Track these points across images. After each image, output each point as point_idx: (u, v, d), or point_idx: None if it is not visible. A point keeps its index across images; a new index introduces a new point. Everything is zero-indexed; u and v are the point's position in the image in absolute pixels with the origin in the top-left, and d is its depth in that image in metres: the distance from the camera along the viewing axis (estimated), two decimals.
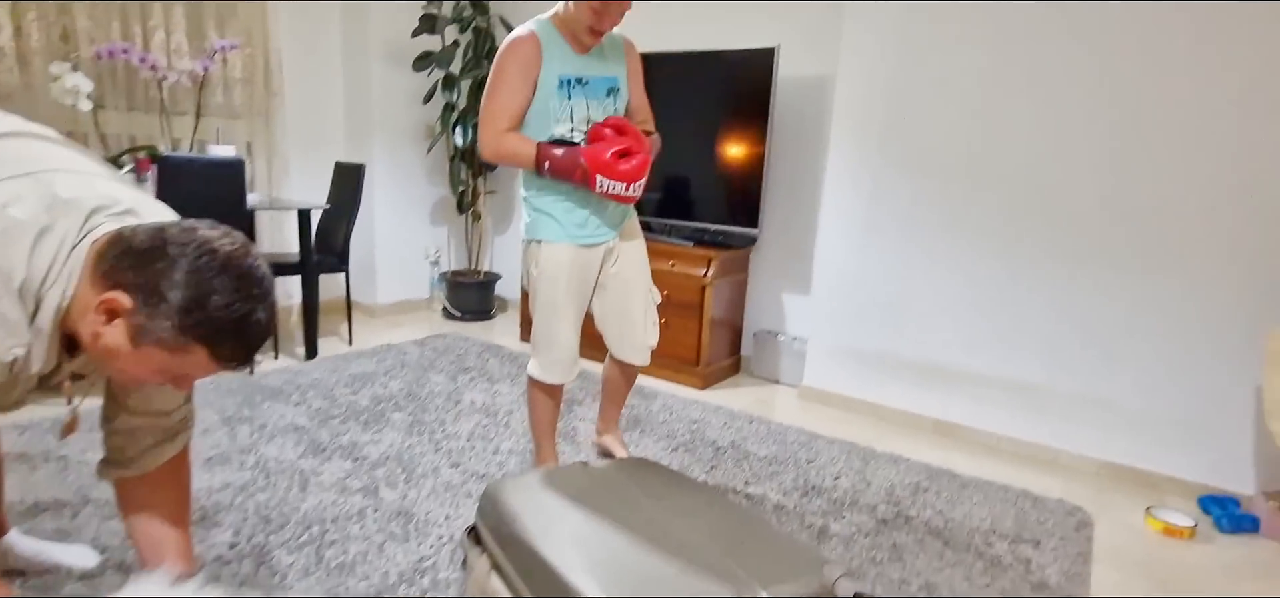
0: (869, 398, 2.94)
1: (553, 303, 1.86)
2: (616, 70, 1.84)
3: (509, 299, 4.47)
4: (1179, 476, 2.34)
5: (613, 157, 1.66)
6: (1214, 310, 2.24)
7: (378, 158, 4.02)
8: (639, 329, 1.99)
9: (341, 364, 3.13)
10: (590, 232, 1.85)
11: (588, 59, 1.79)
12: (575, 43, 1.78)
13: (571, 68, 1.77)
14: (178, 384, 1.02)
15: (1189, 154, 2.24)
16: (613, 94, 1.82)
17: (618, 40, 1.88)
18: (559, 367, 1.92)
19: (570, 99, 1.76)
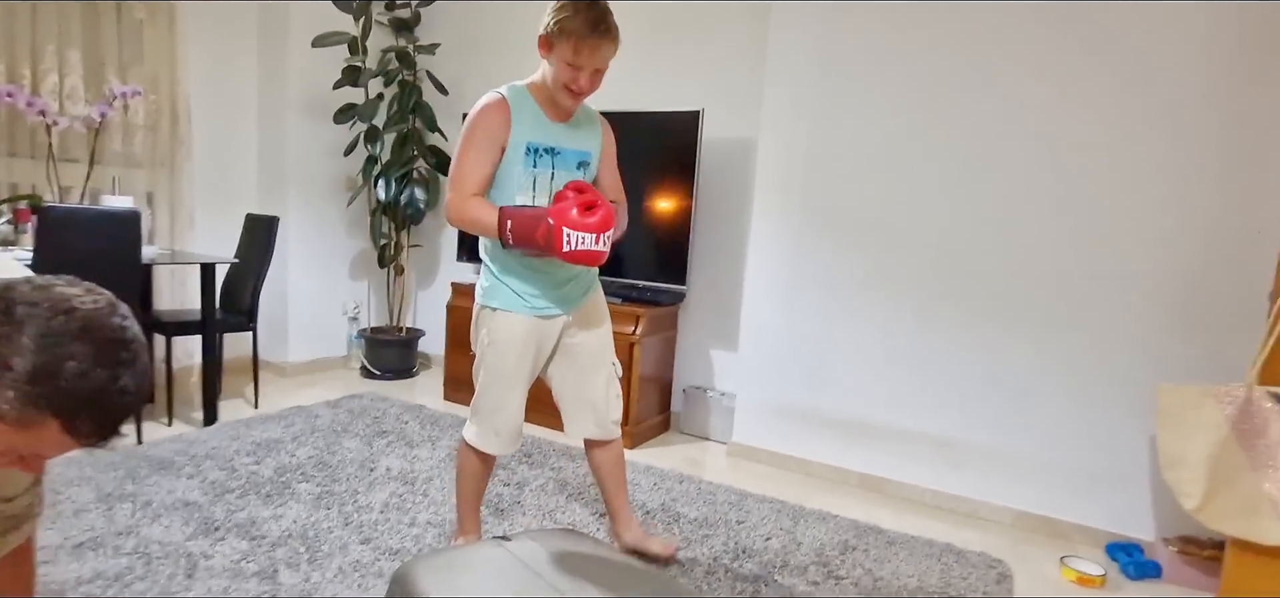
0: (797, 454, 2.95)
1: (502, 373, 1.78)
2: (590, 144, 1.81)
3: (433, 356, 4.31)
4: (1088, 524, 2.44)
5: (579, 211, 1.55)
6: (1114, 366, 2.38)
7: (293, 210, 3.85)
8: (601, 405, 1.90)
9: (244, 430, 2.91)
10: (549, 304, 1.79)
11: (562, 128, 1.75)
12: (551, 108, 1.74)
13: (542, 136, 1.72)
14: (26, 465, 0.89)
15: (1090, 220, 2.40)
16: (583, 167, 1.79)
17: (593, 114, 1.85)
18: (500, 438, 1.83)
19: (535, 167, 1.71)
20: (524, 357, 1.78)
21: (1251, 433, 1.80)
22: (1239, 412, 1.81)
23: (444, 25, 4.11)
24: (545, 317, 1.79)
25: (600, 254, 1.57)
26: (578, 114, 1.81)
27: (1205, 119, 2.22)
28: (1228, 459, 1.81)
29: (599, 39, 1.59)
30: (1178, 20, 2.23)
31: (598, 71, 1.64)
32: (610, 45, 1.62)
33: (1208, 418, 1.86)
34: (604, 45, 1.60)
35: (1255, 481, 1.78)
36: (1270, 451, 1.78)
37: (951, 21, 2.57)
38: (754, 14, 3.16)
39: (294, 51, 3.73)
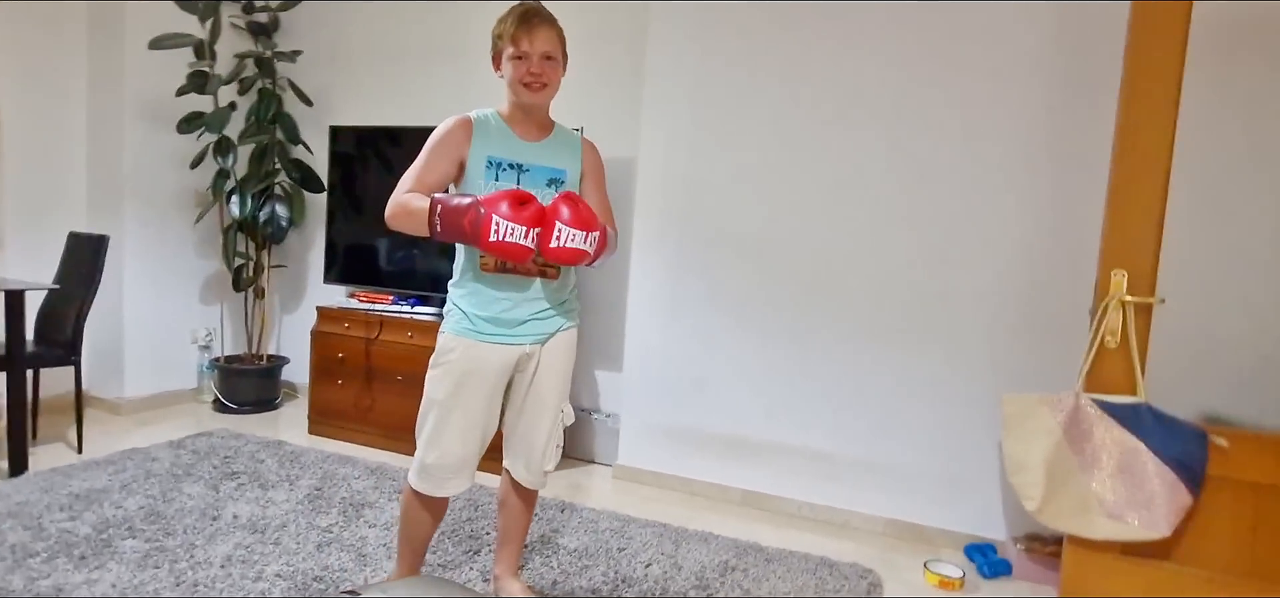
0: (681, 473, 2.95)
1: (441, 402, 1.63)
2: (564, 163, 1.69)
3: (298, 385, 3.98)
4: (950, 528, 2.58)
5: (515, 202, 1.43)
6: (967, 378, 2.54)
7: (130, 229, 3.44)
8: (537, 451, 1.77)
9: (60, 480, 2.54)
10: (500, 332, 1.63)
11: (532, 146, 1.66)
12: (522, 127, 1.67)
13: (507, 151, 1.63)
14: None
15: (941, 241, 2.56)
16: (554, 185, 1.66)
17: (573, 136, 1.76)
18: (434, 476, 1.66)
19: (497, 181, 1.61)
20: (464, 386, 1.62)
21: (1080, 437, 1.96)
22: (1069, 418, 1.96)
23: (307, 32, 3.85)
24: (495, 345, 1.63)
25: (524, 250, 1.44)
26: (555, 135, 1.72)
27: (1037, 150, 2.42)
28: (1061, 462, 1.96)
29: (533, 24, 1.59)
30: (1010, 61, 2.43)
31: (547, 57, 1.60)
32: (547, 28, 1.61)
33: (1043, 424, 2.01)
34: (540, 29, 1.60)
35: (1085, 481, 1.94)
36: (1096, 453, 1.94)
37: (817, 53, 2.68)
38: (632, 36, 3.16)
39: (130, 51, 3.36)
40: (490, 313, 1.63)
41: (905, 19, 2.56)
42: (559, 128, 1.74)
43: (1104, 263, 2.02)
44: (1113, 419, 1.94)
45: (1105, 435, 1.94)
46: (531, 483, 1.81)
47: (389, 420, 3.21)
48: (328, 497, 2.57)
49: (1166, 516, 1.85)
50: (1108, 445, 1.94)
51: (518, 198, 1.45)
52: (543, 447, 1.76)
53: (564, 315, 1.74)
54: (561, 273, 1.69)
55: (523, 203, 1.45)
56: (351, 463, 2.94)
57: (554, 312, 1.70)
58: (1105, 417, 1.94)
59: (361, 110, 3.78)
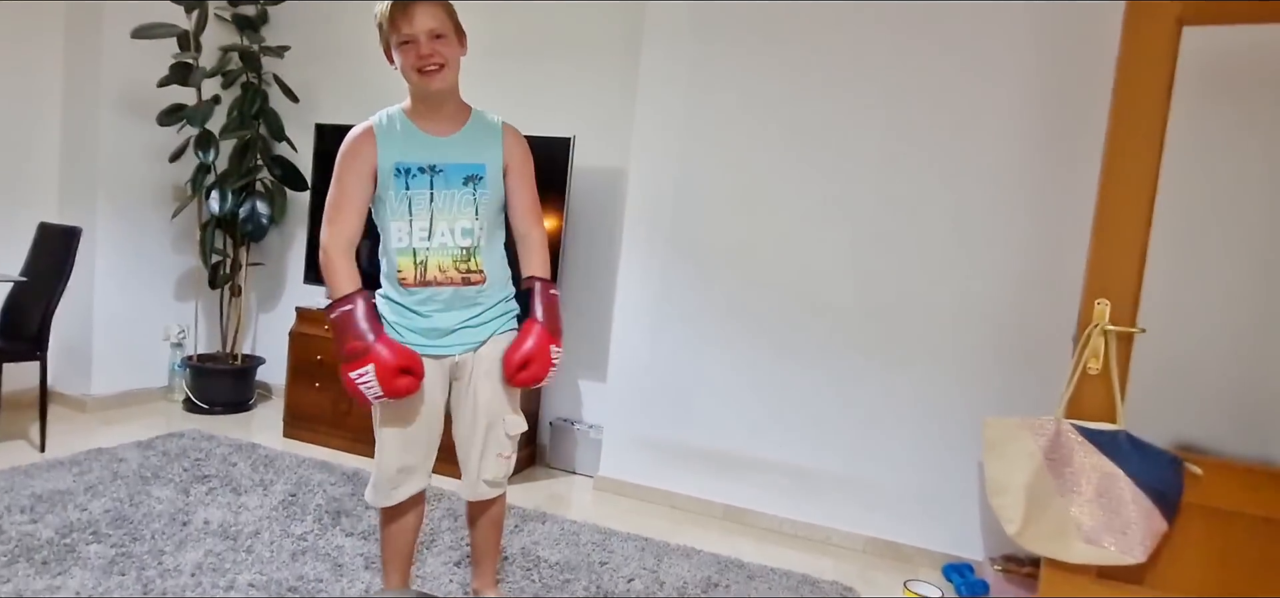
0: (663, 487, 2.93)
1: (380, 415, 1.61)
2: (483, 156, 1.57)
3: (274, 386, 3.90)
4: (929, 547, 2.60)
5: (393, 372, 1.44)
6: (948, 398, 2.56)
7: (102, 221, 3.35)
8: (474, 461, 1.67)
9: (21, 480, 2.45)
10: (426, 342, 1.58)
11: (444, 143, 1.55)
12: (430, 122, 1.56)
13: (417, 154, 1.53)
14: None
15: (925, 260, 2.59)
16: (472, 183, 1.55)
17: (493, 125, 1.63)
18: (378, 487, 1.65)
19: (408, 189, 1.53)
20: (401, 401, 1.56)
21: (1059, 462, 1.99)
22: (1050, 443, 1.99)
23: (296, 26, 3.79)
24: (426, 356, 1.57)
25: (364, 400, 1.47)
26: (471, 124, 1.61)
27: (1022, 177, 2.47)
28: (1041, 487, 1.99)
29: (411, 3, 1.46)
30: (997, 86, 2.48)
31: (435, 35, 1.48)
32: (427, 3, 1.47)
33: (1024, 448, 2.03)
34: (420, 6, 1.46)
35: (1063, 505, 1.97)
36: (1074, 478, 1.97)
37: (808, 72, 2.70)
38: (627, 45, 3.16)
39: (109, 39, 3.28)
40: (416, 325, 1.58)
41: (894, 41, 2.59)
42: (476, 115, 1.62)
43: (1088, 291, 2.06)
44: (1092, 445, 1.97)
45: (1084, 461, 1.97)
46: (473, 495, 1.71)
47: (366, 425, 3.11)
48: (302, 503, 2.52)
49: (1142, 541, 1.88)
50: (1087, 471, 1.97)
51: (399, 368, 1.44)
52: (479, 457, 1.67)
53: (497, 321, 1.65)
54: (488, 279, 1.60)
55: (405, 372, 1.45)
56: (328, 469, 2.88)
57: (486, 318, 1.63)
58: (1085, 443, 1.97)
59: (348, 109, 3.73)
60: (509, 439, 1.69)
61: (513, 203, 1.65)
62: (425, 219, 1.54)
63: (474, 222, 1.56)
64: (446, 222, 1.55)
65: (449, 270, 1.56)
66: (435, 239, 1.55)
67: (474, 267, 1.58)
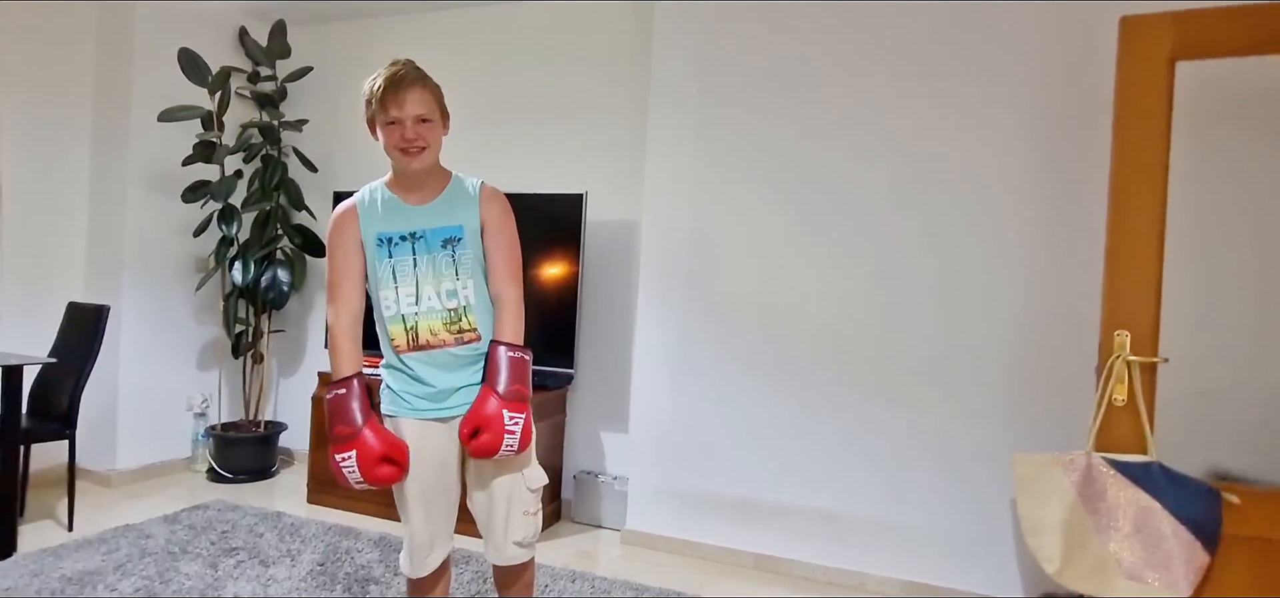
0: (691, 538, 2.91)
1: (399, 486, 1.60)
2: (459, 219, 1.60)
3: (296, 452, 3.91)
4: (964, 589, 2.56)
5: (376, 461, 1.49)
6: (976, 436, 2.55)
7: (128, 296, 3.42)
8: (499, 524, 1.64)
9: (51, 562, 2.46)
10: (428, 407, 1.59)
11: (423, 211, 1.60)
12: (410, 192, 1.60)
13: (397, 223, 1.59)
14: None
15: (948, 301, 2.61)
16: (450, 246, 1.58)
17: (470, 189, 1.65)
18: (413, 556, 1.65)
19: (391, 258, 1.57)
20: (417, 467, 1.57)
21: (1094, 497, 1.97)
22: (1082, 478, 1.98)
23: (312, 100, 3.91)
24: (432, 420, 1.59)
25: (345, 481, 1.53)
26: (449, 190, 1.63)
27: (1039, 208, 2.50)
28: (1077, 523, 1.97)
29: (402, 86, 1.53)
30: (1010, 121, 2.53)
31: (421, 120, 1.54)
32: (419, 89, 1.54)
33: (1057, 485, 2.02)
34: (411, 90, 1.53)
35: (1102, 542, 1.95)
36: (1110, 513, 1.95)
37: (820, 115, 2.77)
38: (635, 102, 3.25)
39: (137, 123, 3.39)
40: (418, 391, 1.59)
41: (896, 84, 2.66)
42: (456, 180, 1.66)
43: (1106, 324, 2.07)
44: (1125, 479, 1.96)
45: (1119, 495, 1.95)
46: (502, 559, 1.67)
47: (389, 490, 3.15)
48: (331, 573, 2.51)
49: (1185, 576, 1.86)
50: (1122, 505, 1.95)
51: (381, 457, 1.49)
52: (504, 517, 1.64)
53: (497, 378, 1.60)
54: (483, 336, 1.60)
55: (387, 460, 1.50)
56: (354, 535, 2.88)
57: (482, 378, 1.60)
58: (1118, 476, 1.96)
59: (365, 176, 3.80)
60: (531, 494, 1.66)
61: (489, 263, 1.64)
62: (411, 285, 1.58)
63: (456, 282, 1.59)
64: (432, 285, 1.58)
65: (440, 333, 1.58)
66: (423, 303, 1.58)
67: (466, 325, 1.59)
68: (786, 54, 2.81)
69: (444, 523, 1.65)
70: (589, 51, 3.37)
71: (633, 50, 3.27)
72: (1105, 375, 2.04)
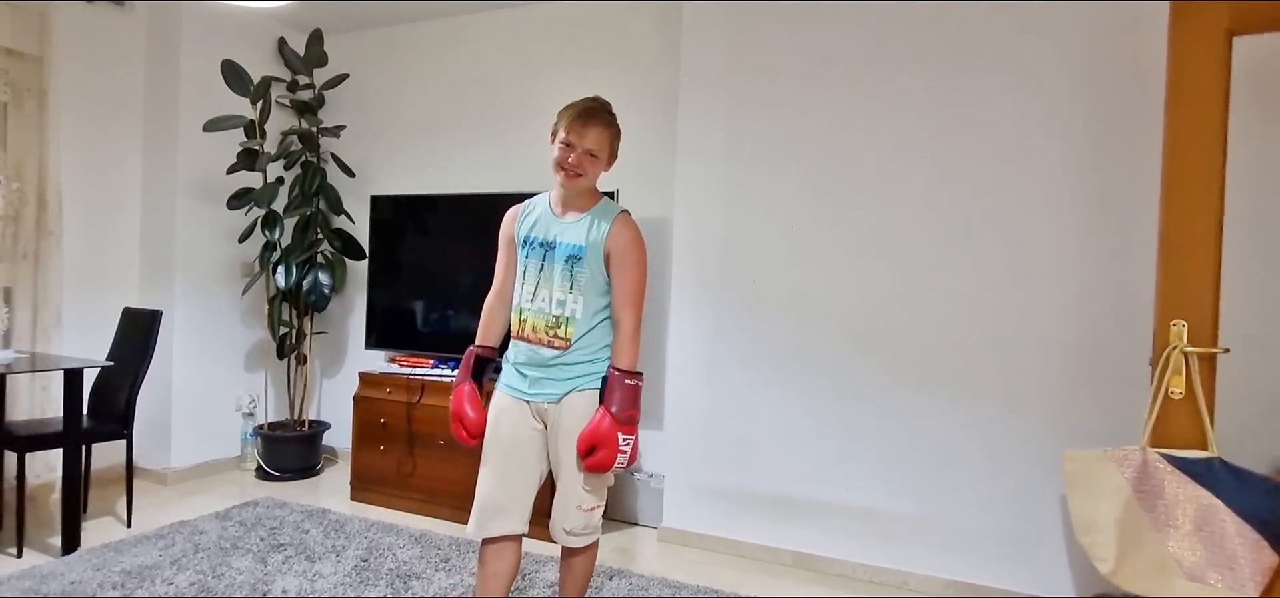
0: (729, 535, 2.89)
1: (484, 447, 1.83)
2: (583, 240, 1.74)
3: (340, 450, 4.00)
4: (1012, 589, 2.48)
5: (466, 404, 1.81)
6: (1022, 431, 2.48)
7: (179, 301, 3.54)
8: (558, 510, 1.80)
9: (112, 556, 2.56)
10: (517, 386, 1.81)
11: (563, 224, 1.78)
12: (560, 205, 1.81)
13: (542, 230, 1.80)
14: None
15: (990, 293, 2.53)
16: (572, 262, 1.75)
17: (610, 213, 1.77)
18: (475, 516, 1.80)
19: (527, 258, 1.80)
20: (494, 433, 1.80)
21: (1151, 494, 1.89)
22: (1138, 474, 1.90)
23: (349, 107, 3.99)
24: (516, 399, 1.80)
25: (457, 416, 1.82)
26: (592, 213, 1.77)
27: (1084, 194, 2.41)
28: (1133, 521, 1.89)
29: (588, 121, 1.72)
30: (1052, 104, 2.44)
31: (590, 154, 1.73)
32: (601, 129, 1.74)
33: (1111, 481, 1.94)
34: (593, 127, 1.73)
35: (1160, 541, 1.87)
36: (1169, 511, 1.87)
37: (851, 105, 2.71)
38: (664, 99, 3.23)
39: (184, 135, 3.51)
40: (510, 371, 1.84)
41: (933, 70, 2.59)
42: (602, 204, 1.80)
43: (1161, 313, 1.98)
44: (1184, 475, 1.87)
45: (1178, 492, 1.87)
46: (556, 539, 1.83)
47: (431, 486, 3.20)
48: (374, 568, 2.56)
49: (1252, 576, 1.77)
50: (1181, 502, 1.86)
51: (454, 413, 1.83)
52: (562, 504, 1.79)
53: (576, 378, 1.77)
54: (571, 345, 1.75)
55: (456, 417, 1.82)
56: (396, 532, 2.93)
57: (565, 377, 1.76)
58: (1176, 472, 1.88)
59: (400, 179, 3.89)
60: (588, 492, 1.78)
61: (613, 286, 1.78)
62: (532, 285, 1.78)
63: (568, 294, 1.75)
64: (548, 290, 1.77)
65: (540, 332, 1.77)
66: (536, 303, 1.77)
67: (561, 334, 1.75)
68: (817, 46, 2.76)
69: (513, 500, 1.78)
70: (618, 50, 3.37)
71: (662, 48, 3.25)
72: (1161, 368, 1.95)
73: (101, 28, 3.40)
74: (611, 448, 1.66)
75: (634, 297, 1.76)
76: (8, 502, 2.82)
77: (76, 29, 3.29)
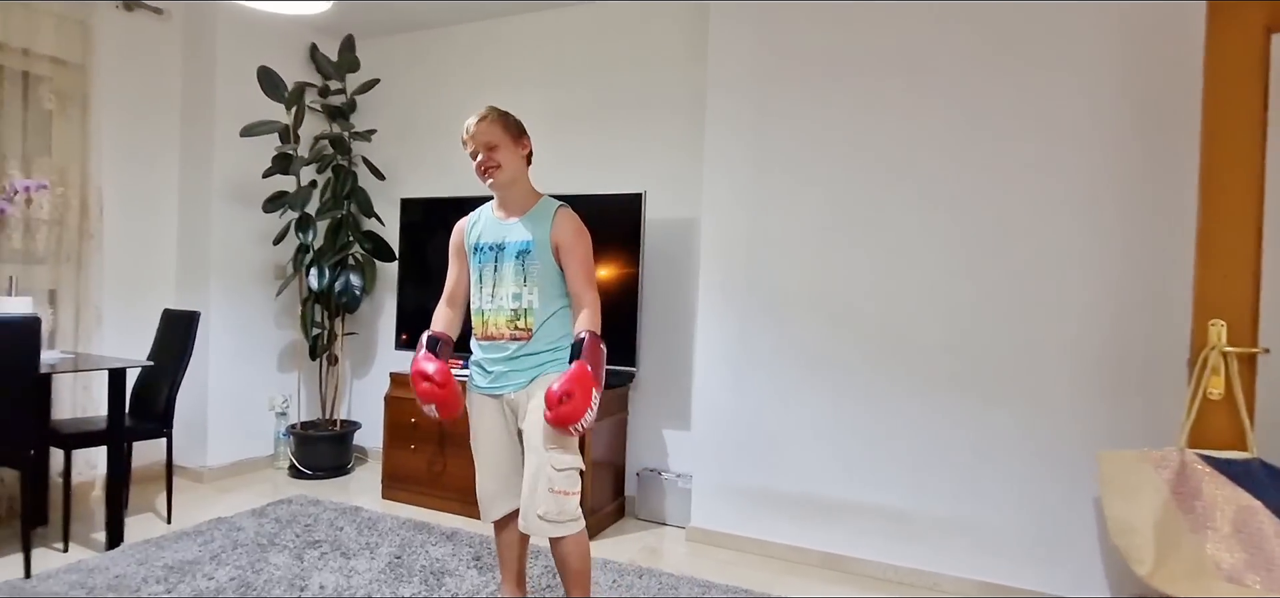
0: (757, 535, 2.90)
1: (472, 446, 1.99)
2: (532, 234, 1.88)
3: (370, 450, 4.07)
4: (1046, 591, 2.47)
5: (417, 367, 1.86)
6: (1054, 432, 2.46)
7: (215, 303, 3.62)
8: (527, 494, 1.83)
9: (154, 551, 2.63)
10: (485, 384, 1.93)
11: (507, 225, 1.92)
12: (501, 210, 1.95)
13: (490, 235, 1.93)
14: None
15: (1017, 293, 2.52)
16: (522, 257, 1.88)
17: (546, 208, 1.92)
18: (481, 507, 1.99)
19: (479, 263, 1.94)
20: (477, 430, 1.96)
21: (1188, 496, 1.88)
22: (1176, 476, 1.89)
23: (380, 112, 4.06)
24: (484, 394, 1.94)
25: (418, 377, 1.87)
26: (534, 210, 1.93)
27: (1116, 189, 2.39)
28: (1171, 523, 1.88)
29: (474, 124, 1.86)
30: (1082, 96, 2.43)
31: (490, 147, 1.86)
32: (486, 123, 1.86)
33: (1148, 482, 1.93)
34: (479, 125, 1.86)
35: (1198, 542, 1.85)
36: (1207, 513, 1.85)
37: (878, 103, 2.71)
38: (691, 100, 3.25)
39: (220, 140, 3.59)
40: (479, 368, 1.95)
41: (967, 65, 2.58)
42: (541, 202, 1.94)
43: (1199, 312, 1.96)
44: (1223, 476, 1.85)
45: (1216, 493, 1.85)
46: (525, 527, 1.84)
47: (461, 484, 3.25)
48: (408, 565, 2.61)
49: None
50: (1220, 504, 1.85)
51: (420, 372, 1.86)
52: (532, 486, 1.81)
53: (540, 366, 1.87)
54: (533, 335, 1.86)
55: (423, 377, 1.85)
56: (427, 530, 2.98)
57: (530, 365, 1.87)
58: (1215, 473, 1.86)
59: (430, 182, 3.95)
60: (559, 474, 1.81)
61: (566, 275, 1.89)
62: (490, 286, 1.91)
63: (522, 287, 1.88)
64: (504, 288, 1.89)
65: (503, 327, 1.89)
66: (496, 301, 1.90)
67: (522, 326, 1.87)
68: (844, 46, 2.76)
69: (503, 483, 1.96)
70: (645, 52, 3.39)
71: (688, 49, 3.28)
72: (1199, 368, 1.94)
73: (141, 36, 3.49)
74: (584, 397, 1.68)
75: (589, 276, 1.89)
76: (54, 499, 2.91)
77: (117, 37, 3.39)
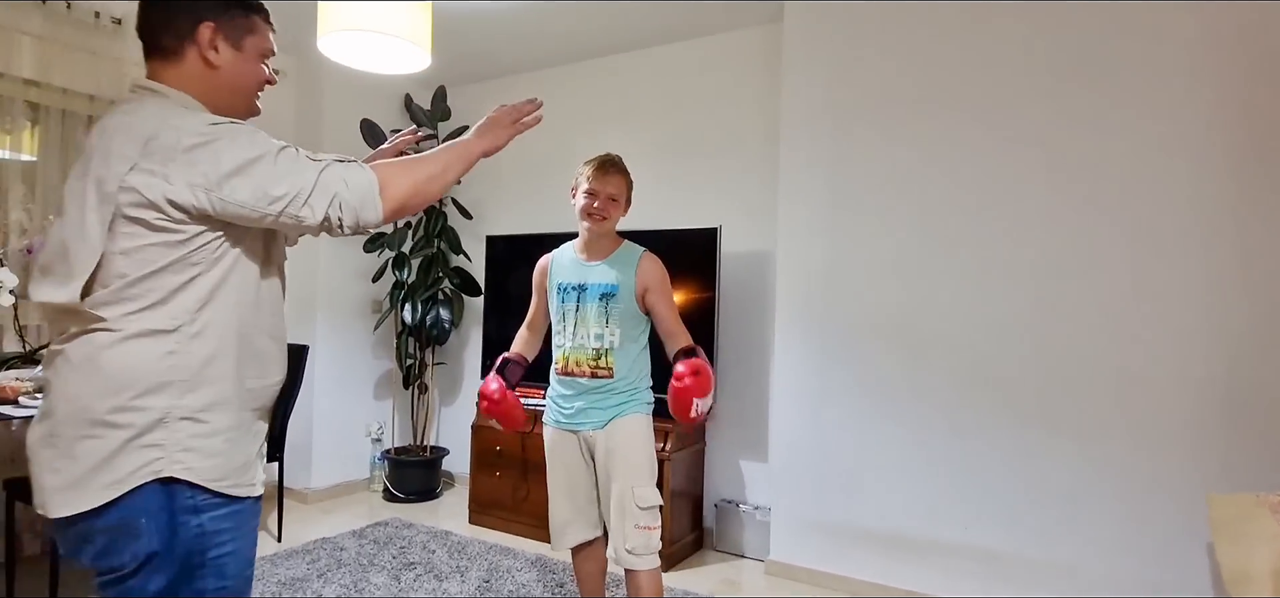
0: (838, 571, 2.86)
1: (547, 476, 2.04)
2: (615, 278, 1.93)
3: (458, 476, 4.26)
4: None
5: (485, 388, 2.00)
6: (1159, 471, 2.33)
7: (321, 335, 3.91)
8: (616, 531, 1.90)
9: (269, 568, 2.86)
10: (561, 419, 1.99)
11: (590, 267, 1.98)
12: (586, 252, 1.99)
13: (573, 276, 1.99)
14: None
15: (1110, 327, 2.42)
16: (607, 299, 1.93)
17: (632, 252, 1.97)
18: (552, 534, 2.05)
19: (562, 303, 1.99)
20: (550, 462, 2.02)
21: None
22: None
23: None
24: (561, 430, 2.00)
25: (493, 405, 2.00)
26: (616, 255, 1.97)
27: (1226, 209, 2.27)
28: None
29: (608, 171, 1.92)
30: (1173, 116, 2.32)
31: (611, 198, 1.92)
32: (618, 176, 1.94)
33: (1265, 529, 1.81)
34: (612, 175, 1.93)
35: None
36: None
37: (957, 131, 2.68)
38: (766, 131, 3.30)
39: None
40: (555, 404, 2.01)
41: (1060, 86, 2.52)
42: (625, 247, 1.99)
43: None
44: None
45: None
46: (619, 562, 1.91)
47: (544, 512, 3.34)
48: (496, 589, 2.72)
49: None
50: None
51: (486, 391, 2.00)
52: (617, 526, 1.89)
53: (619, 405, 1.92)
54: (616, 374, 1.91)
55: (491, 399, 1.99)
56: (513, 555, 3.09)
57: (609, 403, 1.92)
58: None
59: (514, 220, 4.15)
60: (642, 511, 1.88)
61: (655, 315, 1.95)
62: (572, 325, 1.96)
63: (605, 328, 1.93)
64: (586, 328, 1.94)
65: (583, 365, 1.94)
66: (577, 340, 1.95)
67: (603, 364, 1.92)
68: (922, 68, 2.75)
69: (577, 514, 2.01)
70: (719, 85, 3.47)
71: (762, 79, 3.33)
72: None
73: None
74: (707, 377, 1.76)
75: (676, 314, 1.97)
76: None
77: None
